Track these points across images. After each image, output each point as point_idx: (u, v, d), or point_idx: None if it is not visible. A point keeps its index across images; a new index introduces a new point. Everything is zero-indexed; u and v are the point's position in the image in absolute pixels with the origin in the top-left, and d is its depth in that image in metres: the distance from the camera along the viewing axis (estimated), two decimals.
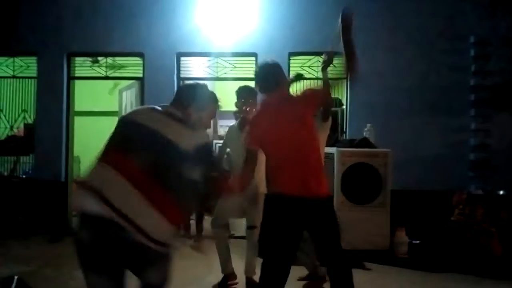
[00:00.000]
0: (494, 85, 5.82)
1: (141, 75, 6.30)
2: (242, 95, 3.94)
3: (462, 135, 5.89)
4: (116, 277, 1.91)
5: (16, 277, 2.75)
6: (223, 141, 4.24)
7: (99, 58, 6.54)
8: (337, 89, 6.18)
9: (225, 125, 7.05)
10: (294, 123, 2.68)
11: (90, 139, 8.60)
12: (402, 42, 5.98)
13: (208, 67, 6.38)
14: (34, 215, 6.01)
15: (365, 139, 5.27)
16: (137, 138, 1.95)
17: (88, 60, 6.59)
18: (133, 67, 6.47)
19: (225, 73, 6.37)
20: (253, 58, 6.20)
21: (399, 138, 5.69)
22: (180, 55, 6.23)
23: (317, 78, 5.78)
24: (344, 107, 6.19)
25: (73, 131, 6.53)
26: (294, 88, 4.25)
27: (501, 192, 5.34)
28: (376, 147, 5.20)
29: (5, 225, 5.84)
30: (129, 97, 6.74)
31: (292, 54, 6.10)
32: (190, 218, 5.67)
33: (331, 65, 3.24)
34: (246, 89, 3.99)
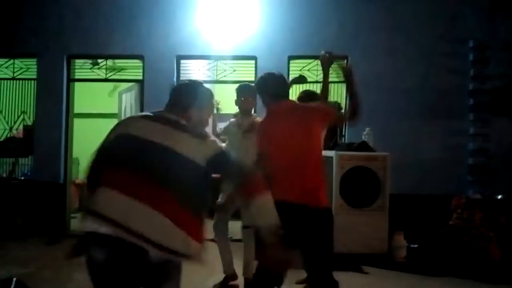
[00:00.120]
0: (493, 90, 5.84)
1: (141, 78, 6.31)
2: (242, 93, 3.96)
3: (460, 139, 5.90)
4: None
5: (14, 279, 2.75)
6: (220, 130, 4.31)
7: (99, 60, 6.55)
8: (336, 92, 6.19)
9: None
10: (300, 133, 2.71)
11: (89, 141, 8.61)
12: (401, 45, 6.00)
13: (207, 70, 6.39)
14: (32, 217, 6.01)
15: (364, 142, 5.28)
16: (136, 154, 1.84)
17: (88, 62, 6.60)
18: (133, 69, 6.48)
19: (224, 76, 6.38)
20: (253, 61, 6.22)
21: (398, 141, 5.70)
22: (180, 58, 6.24)
23: (317, 81, 5.79)
24: (343, 110, 6.19)
25: (72, 133, 6.53)
26: (295, 88, 4.26)
27: (500, 196, 5.34)
28: (375, 151, 5.21)
29: (4, 227, 5.83)
30: (128, 99, 6.75)
31: (291, 57, 6.12)
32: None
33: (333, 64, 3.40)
34: (246, 87, 4.00)
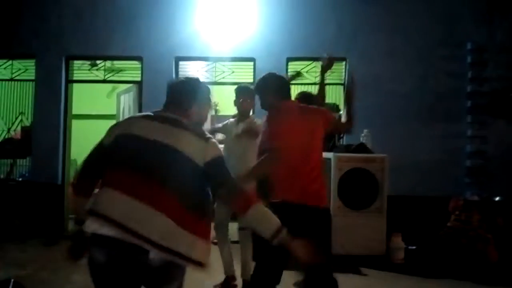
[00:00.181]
0: (490, 92, 5.86)
1: (140, 79, 6.31)
2: (241, 94, 3.97)
3: (458, 141, 5.92)
4: None
5: (12, 280, 2.75)
6: (218, 127, 4.30)
7: (98, 61, 6.55)
8: (334, 94, 6.21)
9: None
10: (305, 134, 2.80)
11: (87, 142, 8.60)
12: (399, 47, 6.02)
13: (206, 71, 6.40)
14: (30, 218, 5.99)
15: (362, 144, 5.29)
16: (138, 153, 1.84)
17: (86, 63, 6.60)
18: (132, 70, 6.49)
19: (223, 78, 6.39)
20: (251, 63, 6.22)
21: (396, 143, 5.70)
22: (178, 59, 6.24)
23: (315, 83, 5.80)
24: (341, 112, 6.20)
25: (70, 134, 6.51)
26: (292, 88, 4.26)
27: (497, 198, 5.36)
28: (373, 153, 5.22)
29: (2, 228, 5.82)
30: (127, 100, 6.75)
31: (290, 59, 6.13)
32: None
33: (330, 70, 3.53)
34: (245, 88, 4.02)
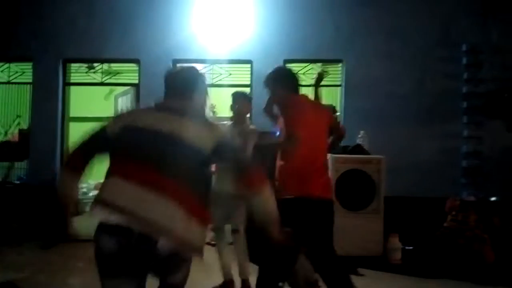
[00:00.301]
0: (486, 93, 5.90)
1: (137, 82, 6.32)
2: (238, 99, 4.00)
3: (454, 142, 5.95)
4: (139, 281, 1.86)
5: (10, 283, 2.75)
6: None
7: (95, 64, 6.56)
8: (331, 95, 6.23)
9: None
10: (319, 128, 2.88)
11: None
12: (396, 49, 6.05)
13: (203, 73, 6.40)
14: (28, 221, 5.98)
15: (358, 145, 5.31)
16: (143, 144, 1.85)
17: (83, 66, 6.61)
18: (129, 73, 6.50)
19: (220, 80, 6.40)
20: (249, 65, 6.25)
21: (393, 144, 5.72)
22: (176, 62, 6.24)
23: (312, 85, 5.82)
24: (338, 113, 6.23)
25: (67, 137, 6.52)
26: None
27: (493, 198, 5.38)
28: (369, 154, 5.24)
29: None
30: (124, 103, 6.75)
31: (287, 61, 6.15)
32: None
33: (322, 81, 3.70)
34: (242, 94, 4.06)
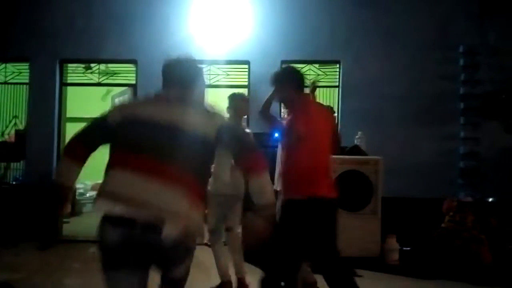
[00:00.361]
0: (483, 94, 5.90)
1: (134, 82, 6.31)
2: (234, 101, 3.98)
3: (452, 143, 5.96)
4: (142, 274, 1.87)
5: (6, 283, 2.73)
6: None
7: (92, 64, 6.54)
8: (329, 96, 6.23)
9: None
10: (326, 130, 2.91)
11: None
12: (393, 50, 6.05)
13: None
14: (24, 222, 5.95)
15: (356, 146, 5.31)
16: (145, 135, 1.85)
17: (80, 66, 6.59)
18: (126, 73, 6.48)
19: (218, 81, 6.39)
20: (246, 66, 6.24)
21: (390, 145, 5.73)
22: None
23: (307, 86, 5.82)
24: (335, 114, 6.23)
25: (64, 137, 6.49)
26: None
27: (491, 199, 5.40)
28: (367, 155, 5.24)
29: None
30: None
31: (284, 62, 6.13)
32: None
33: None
34: (238, 95, 4.04)
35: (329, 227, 2.74)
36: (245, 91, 5.97)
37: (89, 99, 8.30)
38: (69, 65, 6.56)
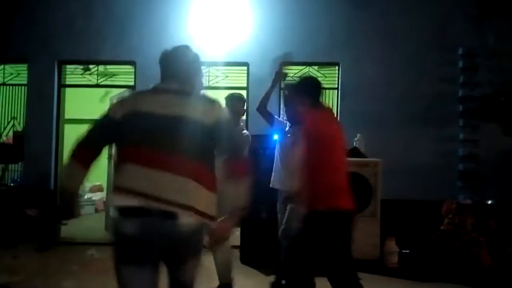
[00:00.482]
0: (482, 96, 5.91)
1: (133, 83, 6.30)
2: (231, 102, 3.97)
3: (450, 145, 5.96)
4: (154, 270, 1.88)
5: (4, 286, 2.72)
6: None
7: (90, 66, 6.53)
8: (327, 98, 6.22)
9: None
10: (344, 141, 2.94)
11: None
12: (392, 52, 6.05)
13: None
14: (22, 223, 5.93)
15: (355, 148, 5.31)
16: (150, 128, 1.86)
17: (79, 67, 6.57)
18: (125, 75, 6.47)
19: (217, 82, 6.38)
20: (245, 67, 6.24)
21: (389, 147, 5.72)
22: None
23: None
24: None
25: (63, 139, 6.47)
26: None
27: (490, 201, 5.40)
28: (366, 157, 5.23)
29: None
30: None
31: (283, 64, 6.12)
32: None
33: None
34: (235, 96, 4.03)
35: (349, 238, 2.75)
36: (244, 93, 5.95)
37: (87, 100, 8.29)
38: (68, 66, 6.55)
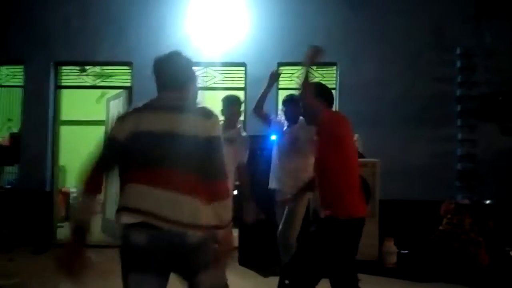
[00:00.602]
0: (480, 96, 5.90)
1: (129, 84, 6.27)
2: (228, 104, 3.94)
3: (448, 145, 5.95)
4: (162, 279, 1.89)
5: None
6: None
7: (87, 67, 6.50)
8: None
9: None
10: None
11: (76, 148, 8.51)
12: (389, 53, 6.05)
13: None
14: (18, 226, 5.90)
15: None
16: (152, 148, 1.87)
17: (75, 69, 6.54)
18: (121, 76, 6.45)
19: (214, 83, 6.36)
20: (243, 68, 6.22)
21: (387, 148, 5.72)
22: None
23: None
24: None
25: (59, 140, 6.45)
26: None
27: (488, 201, 5.39)
28: (364, 157, 5.22)
29: None
30: (116, 106, 6.68)
31: (281, 64, 6.13)
32: None
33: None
34: (232, 98, 3.99)
35: (358, 242, 2.74)
36: (241, 93, 5.93)
37: (84, 101, 8.27)
38: (64, 67, 6.51)
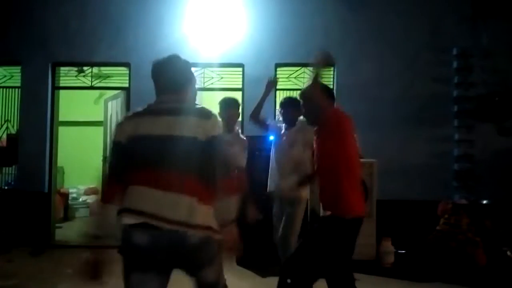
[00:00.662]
0: (476, 96, 5.92)
1: (127, 85, 6.27)
2: (226, 106, 3.94)
3: (446, 145, 5.97)
4: (163, 277, 1.91)
5: None
6: None
7: (85, 67, 6.49)
8: None
9: None
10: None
11: (74, 149, 8.55)
12: (387, 53, 6.06)
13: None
14: (17, 227, 5.89)
15: None
16: (151, 151, 1.90)
17: (73, 69, 6.53)
18: (119, 77, 6.44)
19: (212, 84, 6.37)
20: (240, 68, 6.22)
21: (384, 148, 5.74)
22: None
23: (301, 89, 5.80)
24: None
25: (57, 141, 6.43)
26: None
27: (485, 201, 5.41)
28: (361, 157, 5.21)
29: None
30: (114, 107, 6.69)
31: (279, 65, 6.14)
32: None
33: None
34: (230, 100, 4.00)
35: (355, 241, 2.76)
36: (239, 94, 5.95)
37: (81, 102, 8.28)
38: (62, 68, 6.50)
